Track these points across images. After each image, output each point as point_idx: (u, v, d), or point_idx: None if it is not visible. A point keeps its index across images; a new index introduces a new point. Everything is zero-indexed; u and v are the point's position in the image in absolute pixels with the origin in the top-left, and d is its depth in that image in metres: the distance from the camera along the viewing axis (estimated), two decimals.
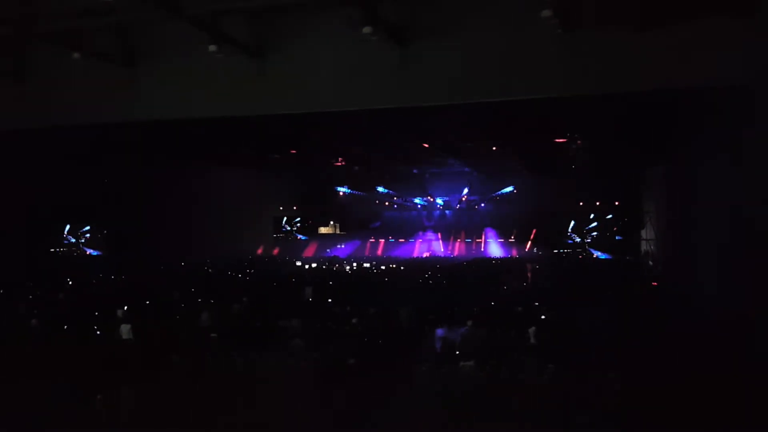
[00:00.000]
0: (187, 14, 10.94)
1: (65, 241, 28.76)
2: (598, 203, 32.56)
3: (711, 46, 9.61)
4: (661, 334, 10.48)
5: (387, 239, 39.55)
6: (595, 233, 32.80)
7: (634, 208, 29.85)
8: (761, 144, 10.44)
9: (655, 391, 7.64)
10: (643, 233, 29.34)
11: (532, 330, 10.73)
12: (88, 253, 28.77)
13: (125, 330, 11.34)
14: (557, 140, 23.34)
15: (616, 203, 31.89)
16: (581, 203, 32.77)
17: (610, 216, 32.19)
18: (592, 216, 32.93)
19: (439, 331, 11.11)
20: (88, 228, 28.89)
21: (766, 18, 9.21)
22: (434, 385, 8.37)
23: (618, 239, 31.69)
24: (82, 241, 29.06)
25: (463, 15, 11.02)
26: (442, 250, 37.70)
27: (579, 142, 23.75)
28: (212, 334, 10.95)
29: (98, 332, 11.70)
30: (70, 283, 19.13)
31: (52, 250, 27.92)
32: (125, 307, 13.05)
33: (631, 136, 20.64)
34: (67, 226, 28.57)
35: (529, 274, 22.75)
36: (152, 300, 15.05)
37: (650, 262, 27.10)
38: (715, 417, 6.89)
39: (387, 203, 40.15)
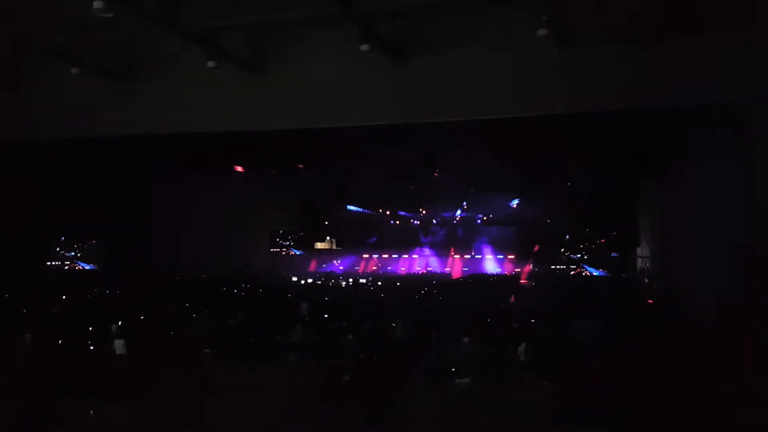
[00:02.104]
0: (186, 30, 11.03)
1: (60, 255, 28.62)
2: (593, 220, 32.59)
3: (706, 63, 9.74)
4: (654, 351, 10.44)
5: (382, 255, 39.50)
6: (590, 250, 32.82)
7: (629, 224, 29.89)
8: (756, 160, 10.49)
9: (645, 406, 7.65)
10: (639, 250, 29.36)
11: (522, 347, 10.69)
12: (81, 267, 28.61)
13: (119, 345, 11.24)
14: (553, 157, 23.42)
15: (612, 220, 31.93)
16: (577, 220, 32.82)
17: (605, 232, 32.23)
18: (587, 232, 32.97)
19: (434, 348, 11.05)
20: (82, 242, 28.78)
21: (760, 35, 9.33)
22: (429, 401, 8.33)
23: (613, 256, 31.72)
24: (76, 254, 28.91)
25: (460, 33, 11.16)
26: (439, 266, 37.65)
27: (575, 158, 23.82)
28: (206, 350, 10.88)
29: (91, 347, 11.60)
30: (64, 297, 18.96)
31: (47, 263, 27.77)
32: (119, 323, 12.95)
33: (627, 153, 20.76)
34: (62, 240, 28.45)
35: (524, 291, 22.70)
36: (146, 315, 14.92)
37: (645, 279, 27.09)
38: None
39: (384, 219, 40.13)
